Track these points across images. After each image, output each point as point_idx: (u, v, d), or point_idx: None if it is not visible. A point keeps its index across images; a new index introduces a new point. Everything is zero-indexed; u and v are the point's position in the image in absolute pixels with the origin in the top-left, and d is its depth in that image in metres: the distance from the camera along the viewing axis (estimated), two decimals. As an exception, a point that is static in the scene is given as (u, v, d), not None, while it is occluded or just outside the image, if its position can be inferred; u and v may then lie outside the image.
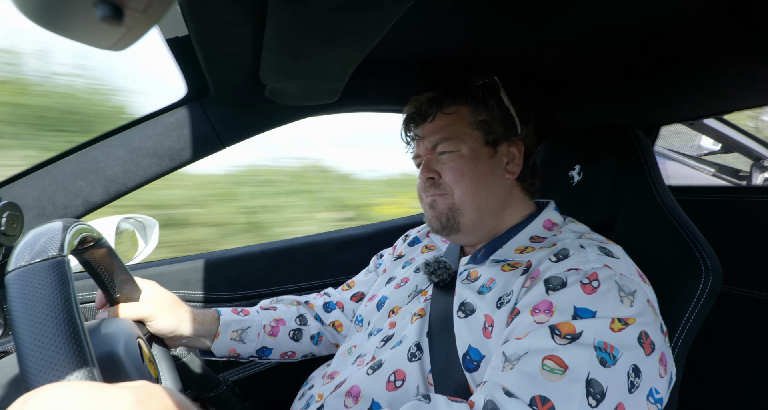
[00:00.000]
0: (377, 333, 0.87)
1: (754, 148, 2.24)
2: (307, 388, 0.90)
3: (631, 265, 0.70)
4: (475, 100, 0.86)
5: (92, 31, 0.28)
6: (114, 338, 0.60)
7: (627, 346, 0.58)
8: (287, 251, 1.41)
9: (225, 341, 0.92)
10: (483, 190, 0.84)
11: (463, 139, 0.84)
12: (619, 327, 0.59)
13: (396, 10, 0.61)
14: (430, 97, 0.89)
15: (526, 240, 0.83)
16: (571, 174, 1.11)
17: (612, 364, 0.56)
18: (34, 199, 0.94)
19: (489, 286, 0.76)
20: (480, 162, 0.84)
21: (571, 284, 0.64)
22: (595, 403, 0.53)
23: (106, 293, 0.77)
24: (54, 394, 0.36)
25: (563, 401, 0.53)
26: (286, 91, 0.97)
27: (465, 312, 0.75)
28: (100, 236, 0.69)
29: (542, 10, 0.79)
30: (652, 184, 0.93)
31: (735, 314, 1.05)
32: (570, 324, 0.60)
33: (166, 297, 0.85)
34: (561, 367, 0.56)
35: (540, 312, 0.63)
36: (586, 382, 0.55)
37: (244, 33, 0.73)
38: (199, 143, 1.05)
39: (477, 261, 0.84)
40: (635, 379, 0.56)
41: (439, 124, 0.87)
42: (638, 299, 0.63)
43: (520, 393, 0.55)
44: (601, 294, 0.62)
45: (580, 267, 0.66)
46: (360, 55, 0.78)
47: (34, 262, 0.45)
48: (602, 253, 0.69)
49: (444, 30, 0.91)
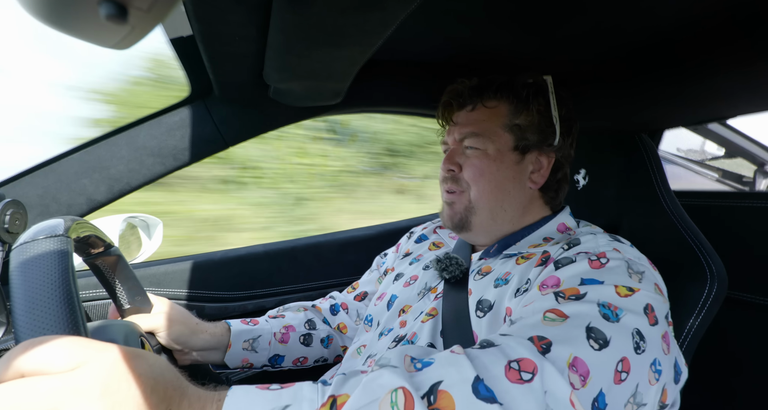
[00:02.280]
0: (388, 333, 0.86)
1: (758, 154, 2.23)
2: None
3: (641, 255, 0.70)
4: (517, 99, 0.83)
5: (96, 29, 0.28)
6: (115, 332, 0.60)
7: (631, 310, 0.56)
8: (291, 252, 1.41)
9: (237, 351, 0.91)
10: (500, 194, 0.82)
11: (492, 139, 0.82)
12: (625, 293, 0.58)
13: (400, 12, 0.61)
14: (474, 85, 0.86)
15: (539, 240, 0.82)
16: (576, 178, 1.10)
17: (615, 321, 0.54)
18: (38, 196, 0.94)
19: (506, 278, 0.75)
20: (504, 165, 0.82)
21: (580, 260, 0.65)
22: (598, 347, 0.52)
23: (117, 303, 0.77)
24: (40, 343, 0.37)
25: (561, 339, 0.52)
26: (290, 91, 0.97)
27: (483, 311, 0.73)
28: (111, 243, 0.70)
29: (546, 13, 0.79)
30: (657, 188, 0.93)
31: (740, 320, 1.04)
32: (575, 288, 0.60)
33: (178, 310, 0.85)
34: (561, 316, 0.55)
35: (548, 287, 0.63)
36: (586, 329, 0.53)
37: (248, 33, 0.73)
38: (202, 143, 1.05)
39: (490, 255, 0.84)
40: (640, 342, 0.54)
41: (474, 116, 0.85)
42: (646, 279, 0.62)
43: (517, 333, 0.54)
44: (609, 269, 0.62)
45: (589, 250, 0.67)
46: (364, 56, 0.78)
47: (36, 239, 0.47)
48: (612, 240, 0.70)
49: (447, 32, 0.91)
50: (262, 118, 1.10)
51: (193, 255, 1.31)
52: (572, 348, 0.51)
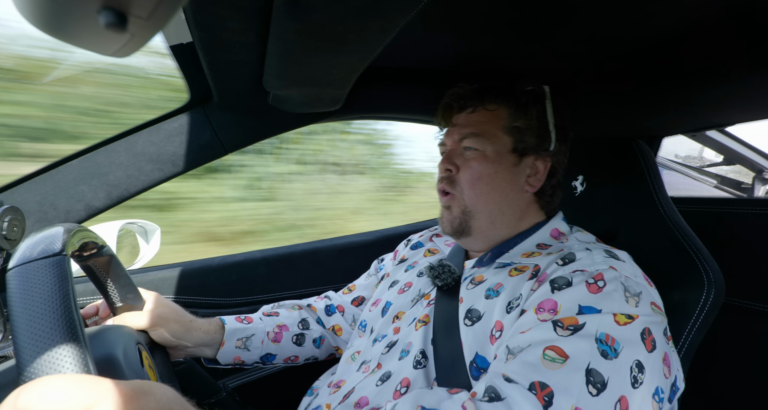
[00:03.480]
0: (382, 340, 0.86)
1: (756, 160, 2.23)
2: (312, 398, 0.89)
3: (636, 269, 0.70)
4: (516, 104, 0.85)
5: (96, 37, 0.28)
6: (113, 342, 0.60)
7: (629, 341, 0.57)
8: (288, 257, 1.41)
9: (230, 349, 0.92)
10: (497, 196, 0.83)
11: (491, 141, 0.83)
12: (624, 321, 0.59)
13: (399, 20, 0.62)
14: (476, 89, 0.87)
15: (532, 247, 0.82)
16: (574, 184, 1.10)
17: (613, 357, 0.56)
18: (36, 203, 0.94)
19: (497, 290, 0.75)
20: (501, 168, 0.83)
21: (577, 284, 0.64)
22: (596, 392, 0.53)
23: (109, 302, 0.77)
24: (48, 386, 0.36)
25: (562, 387, 0.53)
26: (290, 98, 0.98)
27: (471, 320, 0.74)
28: (103, 243, 0.69)
29: (544, 22, 0.80)
30: (654, 194, 0.93)
31: (737, 326, 1.04)
32: (573, 317, 0.60)
33: (171, 306, 0.85)
34: (561, 356, 0.56)
35: (544, 310, 0.63)
36: (586, 371, 0.54)
37: (248, 40, 0.73)
38: (201, 149, 1.05)
39: (483, 263, 0.84)
40: (638, 375, 0.56)
41: (475, 117, 0.86)
42: (643, 300, 0.63)
43: (520, 379, 0.56)
44: (607, 294, 0.62)
45: (585, 269, 0.67)
46: (363, 63, 0.79)
47: (34, 259, 0.46)
48: (608, 256, 0.70)
49: (446, 39, 0.91)
50: (262, 125, 1.10)
51: (191, 261, 1.31)
52: (573, 398, 0.53)
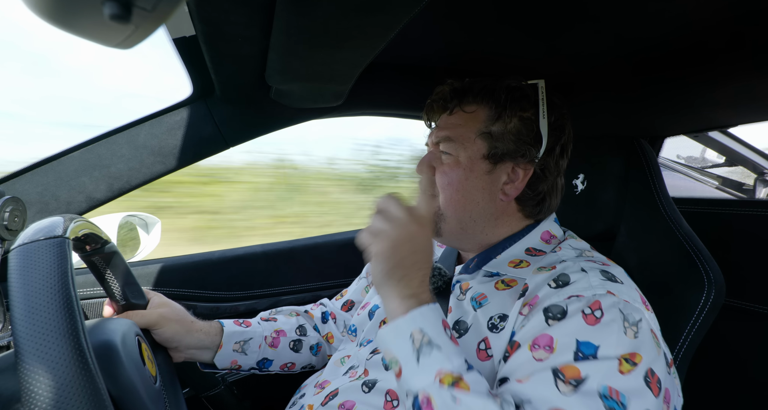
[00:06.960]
0: (367, 345, 0.85)
1: (758, 162, 2.23)
2: (298, 397, 0.89)
3: (634, 290, 0.66)
4: (496, 105, 0.77)
5: (100, 28, 0.28)
6: (113, 330, 0.60)
7: (634, 390, 0.54)
8: (288, 252, 1.41)
9: (227, 352, 0.91)
10: (467, 204, 0.78)
11: (464, 146, 0.78)
12: (628, 369, 0.55)
13: (403, 15, 0.61)
14: (457, 88, 0.81)
15: (521, 253, 0.78)
16: (574, 182, 1.10)
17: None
18: (38, 194, 0.94)
19: (480, 302, 0.72)
20: (473, 174, 0.77)
21: (573, 313, 0.60)
22: None
23: (112, 299, 0.77)
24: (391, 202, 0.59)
25: None
26: (292, 92, 0.97)
27: (459, 332, 0.72)
28: (107, 239, 0.69)
29: (549, 20, 0.80)
30: (656, 194, 0.93)
31: (737, 327, 1.04)
32: (574, 367, 0.56)
33: (173, 307, 0.85)
34: None
35: (540, 347, 0.59)
36: None
37: (251, 34, 0.73)
38: (203, 143, 1.05)
39: (469, 271, 0.80)
40: None
41: (452, 120, 0.81)
42: (642, 329, 0.59)
43: None
44: (605, 326, 0.58)
45: (582, 294, 0.62)
46: (366, 58, 0.78)
47: (35, 240, 0.47)
48: (605, 278, 0.65)
49: (450, 36, 0.91)
50: (263, 119, 1.10)
51: (191, 254, 1.31)
52: None
